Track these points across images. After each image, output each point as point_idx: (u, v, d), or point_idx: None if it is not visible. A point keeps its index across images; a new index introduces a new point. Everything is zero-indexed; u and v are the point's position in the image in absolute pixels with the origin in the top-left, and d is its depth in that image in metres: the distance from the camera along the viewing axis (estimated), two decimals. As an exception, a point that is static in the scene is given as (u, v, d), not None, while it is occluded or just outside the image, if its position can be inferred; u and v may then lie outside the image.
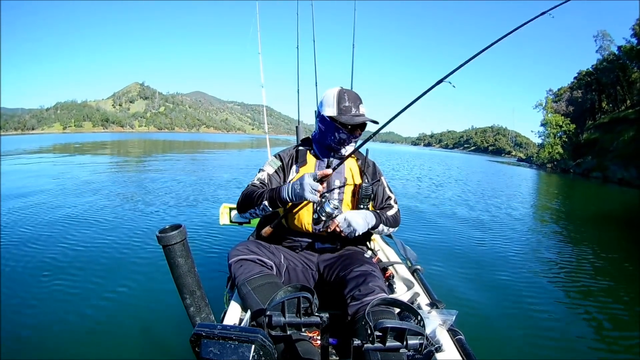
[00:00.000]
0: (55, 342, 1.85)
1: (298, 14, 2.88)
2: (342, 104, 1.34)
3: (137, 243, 3.41)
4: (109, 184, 6.98)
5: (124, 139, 37.09)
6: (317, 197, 1.21)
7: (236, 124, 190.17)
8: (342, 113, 1.34)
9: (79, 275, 2.64)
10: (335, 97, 1.35)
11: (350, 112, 1.34)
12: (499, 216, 6.14)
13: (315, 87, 2.73)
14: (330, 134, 1.37)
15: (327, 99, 1.37)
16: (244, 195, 1.37)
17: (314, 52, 2.70)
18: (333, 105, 1.35)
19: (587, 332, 2.34)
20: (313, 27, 2.84)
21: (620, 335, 2.32)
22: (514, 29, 1.27)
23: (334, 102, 1.35)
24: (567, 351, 2.07)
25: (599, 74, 29.20)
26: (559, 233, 5.45)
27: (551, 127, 29.30)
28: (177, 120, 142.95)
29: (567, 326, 2.36)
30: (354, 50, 1.86)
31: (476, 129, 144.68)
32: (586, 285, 3.16)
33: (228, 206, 2.30)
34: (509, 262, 3.64)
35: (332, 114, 1.35)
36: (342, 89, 1.39)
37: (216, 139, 51.80)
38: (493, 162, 39.20)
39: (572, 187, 15.77)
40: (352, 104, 1.35)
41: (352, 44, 2.34)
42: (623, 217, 8.28)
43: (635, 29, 23.30)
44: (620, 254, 4.40)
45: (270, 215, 1.48)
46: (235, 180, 8.26)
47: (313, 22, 2.82)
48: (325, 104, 1.37)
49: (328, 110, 1.36)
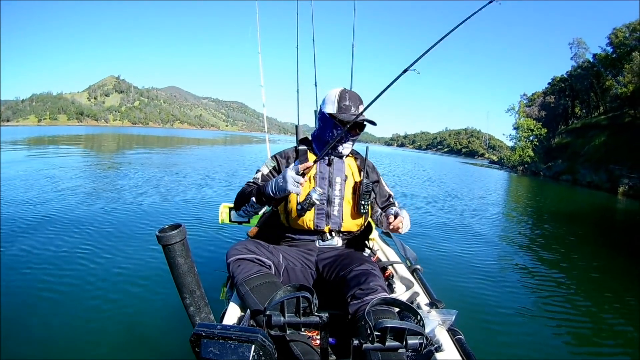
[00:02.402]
0: (55, 342, 1.85)
1: (298, 14, 2.88)
2: (342, 103, 1.37)
3: (137, 242, 3.40)
4: (108, 184, 6.97)
5: (99, 132, 36.09)
6: (300, 190, 1.23)
7: (210, 120, 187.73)
8: (341, 111, 1.37)
9: (78, 276, 2.63)
10: (337, 96, 1.39)
11: (349, 111, 1.37)
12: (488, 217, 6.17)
13: (315, 87, 2.72)
14: (328, 131, 1.40)
15: (329, 97, 1.41)
16: (238, 194, 1.44)
17: (314, 52, 2.69)
18: (334, 103, 1.38)
19: (587, 331, 2.34)
20: (313, 27, 2.83)
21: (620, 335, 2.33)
22: (469, 16, 1.27)
23: (335, 100, 1.38)
24: (567, 351, 2.07)
25: (573, 80, 30.02)
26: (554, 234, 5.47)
27: (523, 131, 30.01)
28: (152, 115, 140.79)
29: (567, 326, 2.37)
30: (353, 50, 1.86)
31: (450, 130, 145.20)
32: (586, 285, 3.17)
33: (227, 205, 2.30)
34: (509, 261, 3.65)
35: (331, 111, 1.38)
36: (344, 89, 1.42)
37: (190, 135, 51.27)
38: (465, 163, 39.74)
39: (547, 189, 16.00)
40: (352, 104, 1.38)
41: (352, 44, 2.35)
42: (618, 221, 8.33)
43: (611, 38, 23.94)
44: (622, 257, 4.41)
45: (271, 215, 1.48)
46: (230, 177, 8.27)
47: (313, 22, 2.81)
48: (326, 102, 1.41)
49: (328, 107, 1.40)
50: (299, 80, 2.81)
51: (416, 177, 13.72)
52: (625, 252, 4.73)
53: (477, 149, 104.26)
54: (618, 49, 23.45)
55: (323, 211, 1.38)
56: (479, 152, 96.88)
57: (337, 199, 1.38)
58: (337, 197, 1.38)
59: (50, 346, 1.81)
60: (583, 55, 29.41)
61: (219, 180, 7.85)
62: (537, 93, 35.73)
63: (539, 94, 34.94)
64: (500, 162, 40.28)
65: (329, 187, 1.38)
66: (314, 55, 2.59)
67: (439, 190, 9.91)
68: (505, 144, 38.84)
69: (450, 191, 9.96)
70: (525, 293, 2.83)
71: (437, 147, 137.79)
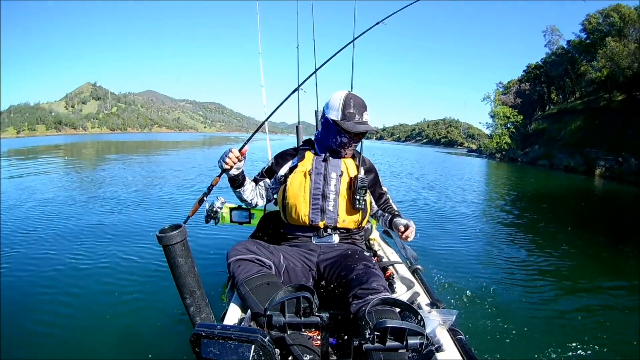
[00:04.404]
0: (54, 342, 1.86)
1: (298, 14, 2.88)
2: (347, 110, 1.36)
3: (136, 243, 3.41)
4: (106, 184, 6.99)
5: (78, 141, 35.13)
6: (226, 166, 1.30)
7: (188, 123, 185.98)
8: (346, 119, 1.36)
9: (78, 276, 2.64)
10: (342, 102, 1.37)
11: (353, 119, 1.36)
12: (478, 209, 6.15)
13: (315, 87, 2.72)
14: (332, 137, 1.40)
15: (333, 102, 1.39)
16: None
17: (314, 52, 2.69)
18: (338, 109, 1.36)
19: (587, 331, 2.33)
20: (313, 27, 2.83)
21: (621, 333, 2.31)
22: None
23: (340, 106, 1.36)
24: (568, 350, 2.06)
25: (547, 67, 30.06)
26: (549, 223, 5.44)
27: (499, 119, 30.23)
28: (130, 121, 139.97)
29: (567, 326, 2.36)
30: (353, 51, 1.86)
31: (428, 121, 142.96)
32: (586, 284, 3.16)
33: (228, 206, 2.30)
34: (508, 261, 3.64)
35: (336, 117, 1.37)
36: (349, 93, 1.40)
37: (169, 138, 51.00)
38: (444, 153, 40.21)
39: (527, 175, 16.11)
40: (356, 111, 1.37)
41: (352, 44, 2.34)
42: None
43: (585, 25, 24.17)
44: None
45: (270, 215, 1.48)
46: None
47: (313, 22, 2.81)
48: (330, 107, 1.39)
49: (333, 113, 1.38)
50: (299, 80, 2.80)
51: (400, 171, 13.67)
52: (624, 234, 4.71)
53: (456, 139, 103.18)
54: (592, 34, 23.61)
55: (318, 206, 1.38)
56: (458, 142, 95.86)
57: (332, 194, 1.39)
58: (332, 193, 1.39)
59: (51, 346, 1.82)
60: (557, 42, 29.56)
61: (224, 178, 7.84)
62: (512, 81, 35.20)
63: (514, 82, 34.75)
64: (478, 150, 40.40)
65: (324, 182, 1.39)
66: (314, 55, 2.59)
67: (420, 183, 9.86)
68: (484, 132, 39.24)
69: (431, 183, 9.97)
70: (526, 293, 2.82)
71: (416, 139, 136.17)
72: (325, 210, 1.38)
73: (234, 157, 1.30)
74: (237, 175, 1.37)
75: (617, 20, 21.18)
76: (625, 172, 15.29)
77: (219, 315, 1.17)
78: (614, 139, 17.60)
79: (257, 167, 1.67)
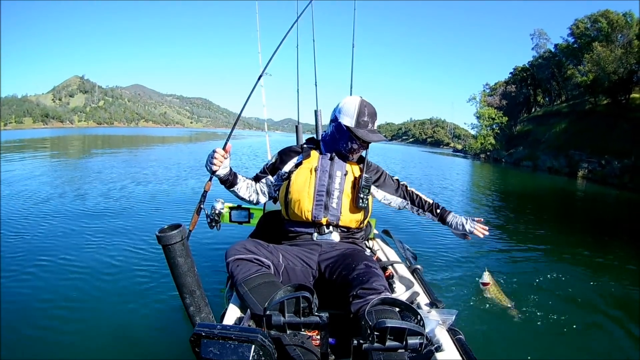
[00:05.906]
0: (54, 342, 1.84)
1: (298, 14, 2.87)
2: (361, 118, 1.38)
3: (136, 242, 3.39)
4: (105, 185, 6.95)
5: (65, 134, 34.58)
6: (215, 167, 1.33)
7: (175, 118, 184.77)
8: (360, 127, 1.38)
9: (77, 277, 2.62)
10: (357, 109, 1.39)
11: (367, 127, 1.39)
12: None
13: (315, 86, 2.72)
14: (343, 142, 1.42)
15: (348, 109, 1.40)
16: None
17: (314, 52, 2.69)
18: (352, 116, 1.38)
19: (587, 330, 2.34)
20: (313, 27, 2.83)
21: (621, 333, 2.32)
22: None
23: (354, 113, 1.38)
24: (567, 350, 2.07)
25: (534, 69, 30.58)
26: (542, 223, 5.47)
27: (484, 120, 30.65)
28: (117, 115, 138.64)
29: (567, 325, 2.37)
30: (353, 51, 1.86)
31: (415, 121, 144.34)
32: (587, 284, 3.17)
33: (228, 205, 2.29)
34: (508, 260, 3.65)
35: (349, 124, 1.39)
36: (363, 100, 1.42)
37: (156, 133, 50.47)
38: (429, 152, 40.57)
39: (511, 175, 16.45)
40: (369, 120, 1.40)
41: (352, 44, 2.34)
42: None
43: (573, 29, 24.61)
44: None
45: (270, 214, 1.48)
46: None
47: (313, 22, 2.81)
48: (344, 112, 1.40)
49: (346, 119, 1.39)
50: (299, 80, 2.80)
51: (387, 170, 13.80)
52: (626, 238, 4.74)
53: (442, 139, 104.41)
54: (579, 39, 23.99)
55: (322, 202, 1.39)
56: (444, 142, 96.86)
57: (336, 192, 1.40)
58: (337, 190, 1.41)
59: (50, 346, 1.80)
60: (544, 45, 30.11)
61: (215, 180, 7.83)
62: (499, 82, 35.93)
63: (501, 84, 35.30)
64: (463, 150, 40.64)
65: (329, 180, 1.41)
66: (314, 55, 2.59)
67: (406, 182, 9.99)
68: (470, 132, 39.67)
69: (416, 182, 9.97)
70: (526, 292, 2.83)
71: (402, 138, 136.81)
72: (328, 207, 1.40)
73: (220, 156, 1.32)
74: (226, 175, 1.39)
75: (605, 26, 21.48)
76: (608, 175, 15.60)
77: (218, 315, 1.17)
78: (598, 142, 17.91)
79: (254, 160, 1.66)
